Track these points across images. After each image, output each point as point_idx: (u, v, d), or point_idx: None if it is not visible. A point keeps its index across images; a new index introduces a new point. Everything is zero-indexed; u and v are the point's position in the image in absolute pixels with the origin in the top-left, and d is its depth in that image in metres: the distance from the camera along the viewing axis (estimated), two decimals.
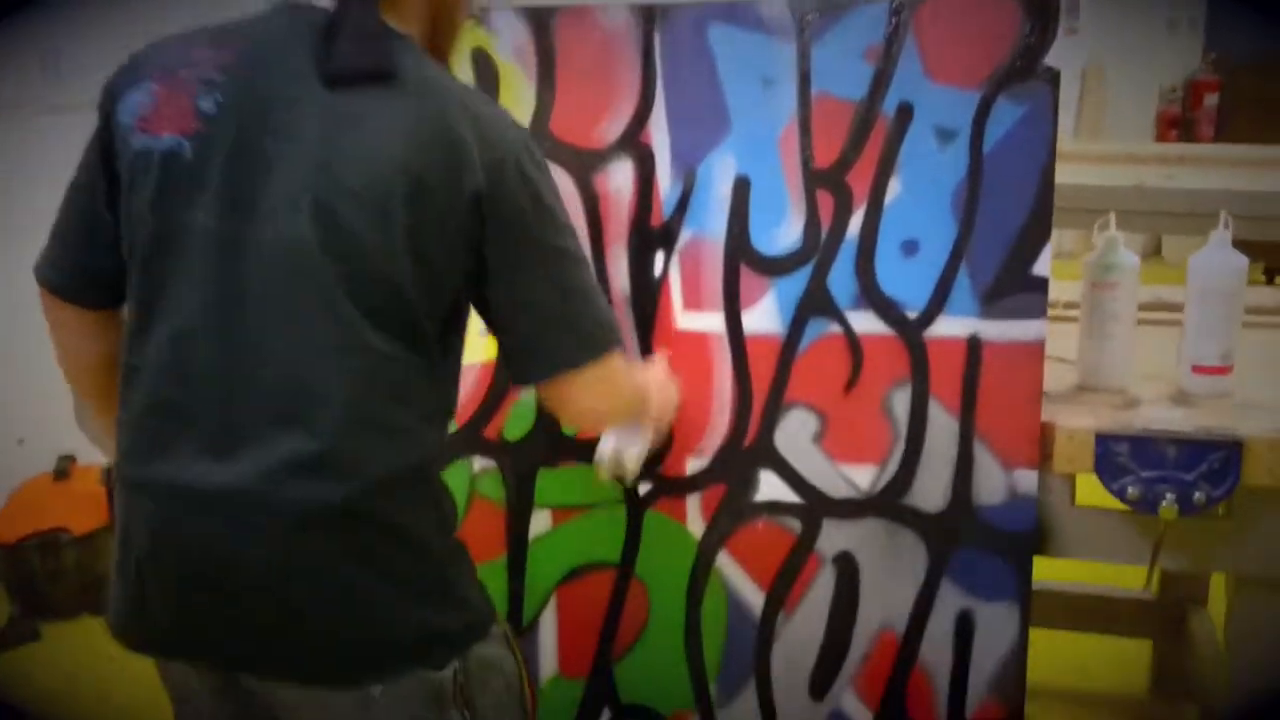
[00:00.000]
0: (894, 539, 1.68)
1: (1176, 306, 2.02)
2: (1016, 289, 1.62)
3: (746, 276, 1.70)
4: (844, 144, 1.66)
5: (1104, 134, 6.51)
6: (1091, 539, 1.64)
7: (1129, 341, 1.76)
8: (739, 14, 1.67)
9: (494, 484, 1.80)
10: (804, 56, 1.66)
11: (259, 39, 1.25)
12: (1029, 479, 1.62)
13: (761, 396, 1.71)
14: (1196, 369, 1.73)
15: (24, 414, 3.18)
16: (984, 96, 1.62)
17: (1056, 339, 1.71)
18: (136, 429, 1.26)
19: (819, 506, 1.70)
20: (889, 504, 1.67)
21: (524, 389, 1.72)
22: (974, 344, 1.64)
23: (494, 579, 1.81)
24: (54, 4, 3.18)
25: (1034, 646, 1.66)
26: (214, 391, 1.21)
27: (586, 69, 1.72)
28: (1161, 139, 6.02)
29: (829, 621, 1.71)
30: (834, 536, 1.70)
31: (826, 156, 1.66)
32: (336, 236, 1.19)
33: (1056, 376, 1.73)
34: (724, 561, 1.74)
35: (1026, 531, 1.63)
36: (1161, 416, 1.62)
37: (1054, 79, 1.61)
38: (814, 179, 1.67)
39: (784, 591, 1.72)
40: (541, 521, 1.80)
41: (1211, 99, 6.03)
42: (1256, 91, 5.59)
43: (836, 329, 1.68)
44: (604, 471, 1.65)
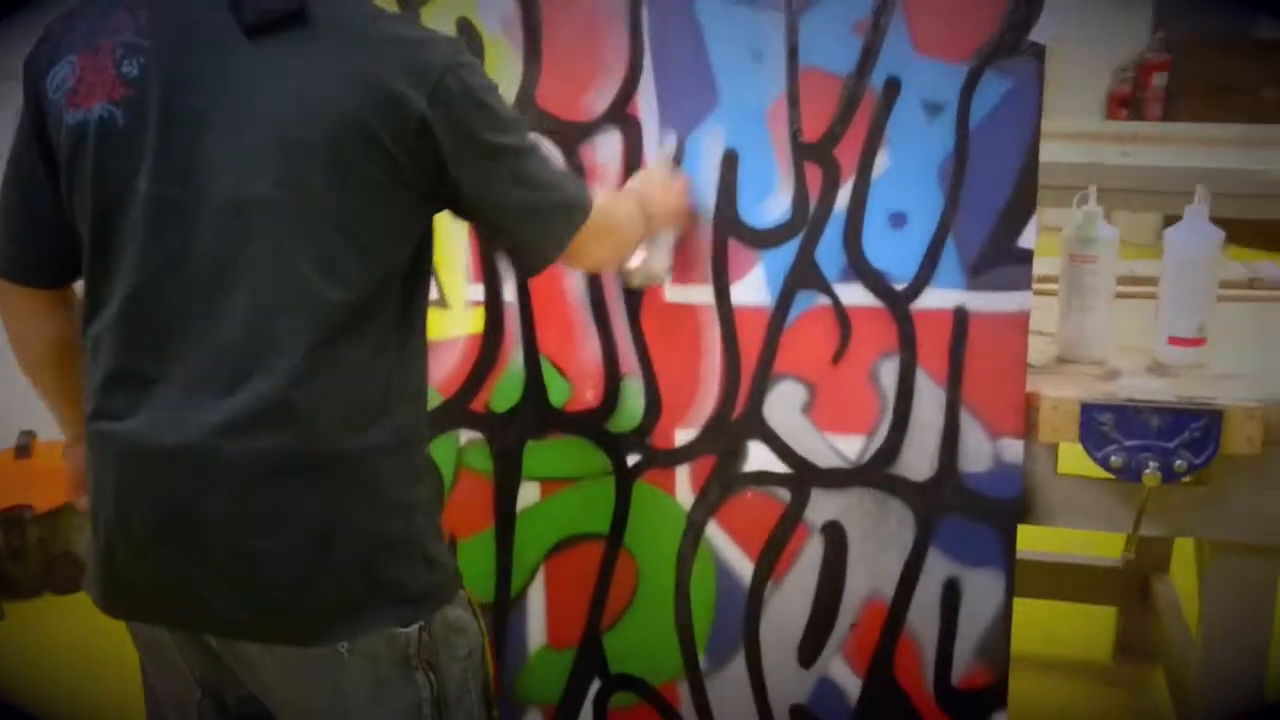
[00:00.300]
0: (882, 508, 1.70)
1: (1146, 280, 2.06)
2: (1002, 261, 1.64)
3: (735, 249, 1.71)
4: (832, 117, 1.67)
5: (1054, 112, 6.56)
6: (1074, 507, 1.68)
7: (1108, 314, 1.79)
8: None
9: (481, 456, 1.80)
10: (792, 30, 1.66)
11: None
12: (1014, 448, 1.65)
13: (750, 368, 1.72)
14: (1173, 340, 1.77)
15: None
16: (971, 70, 1.63)
17: (1034, 312, 1.74)
18: (101, 394, 1.26)
19: (807, 476, 1.72)
20: (877, 473, 1.70)
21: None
22: (960, 315, 1.66)
23: (482, 551, 1.81)
24: None
25: None
26: (171, 352, 1.22)
27: (573, 41, 1.71)
28: (1112, 118, 6.10)
29: (817, 590, 1.74)
30: (822, 506, 1.72)
31: (815, 130, 1.67)
32: (284, 190, 1.19)
33: (1036, 349, 1.76)
34: (713, 532, 1.76)
35: (1012, 499, 1.66)
36: (1143, 386, 1.66)
37: (1040, 54, 1.63)
38: (802, 152, 1.68)
39: (772, 561, 1.74)
40: (530, 493, 1.80)
41: (1160, 78, 6.12)
42: (1203, 72, 5.69)
43: (825, 301, 1.70)
44: (636, 282, 1.68)
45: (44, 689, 2.69)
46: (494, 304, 1.76)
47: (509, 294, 1.75)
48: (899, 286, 1.68)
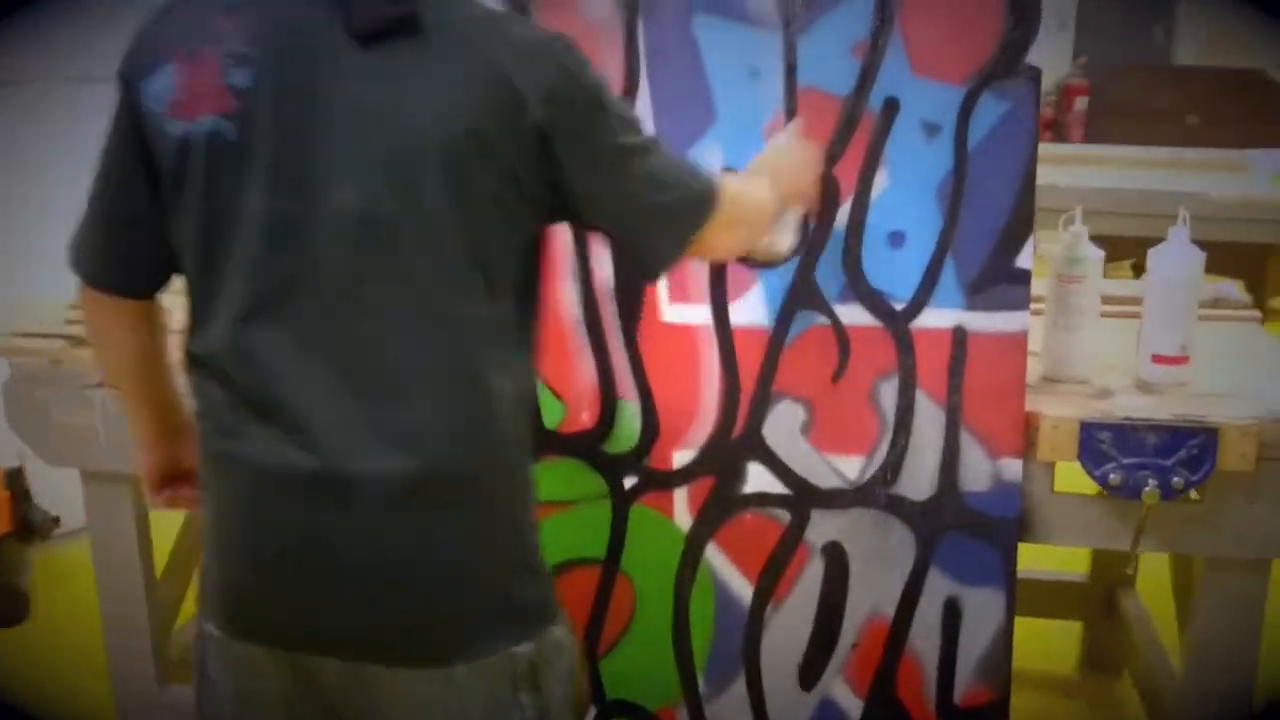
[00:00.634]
0: (882, 528, 1.70)
1: (1119, 299, 2.10)
2: (1001, 281, 1.66)
3: (733, 268, 1.70)
4: (831, 137, 1.67)
5: None
6: (1071, 525, 1.69)
7: (1092, 333, 1.82)
8: (724, 5, 1.67)
9: None
10: (790, 49, 1.66)
11: (270, 1, 1.19)
12: (1014, 467, 1.66)
13: (749, 388, 1.71)
14: (1156, 358, 1.79)
15: None
16: (969, 92, 1.65)
17: None
18: (220, 414, 1.21)
19: (807, 497, 1.71)
20: (877, 494, 1.69)
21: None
22: (959, 335, 1.67)
23: None
24: None
25: None
26: (292, 372, 1.17)
27: None
28: None
29: (818, 611, 1.73)
30: (822, 526, 1.71)
31: None
32: (402, 204, 1.15)
33: None
34: (712, 554, 1.74)
35: (1012, 518, 1.67)
36: (1137, 405, 1.68)
37: (1036, 77, 1.65)
38: None
39: (772, 583, 1.73)
40: None
41: (1081, 103, 6.28)
42: (1124, 97, 5.84)
43: (823, 321, 1.69)
44: (758, 260, 1.63)
45: None
46: None
47: None
48: (898, 306, 1.68)
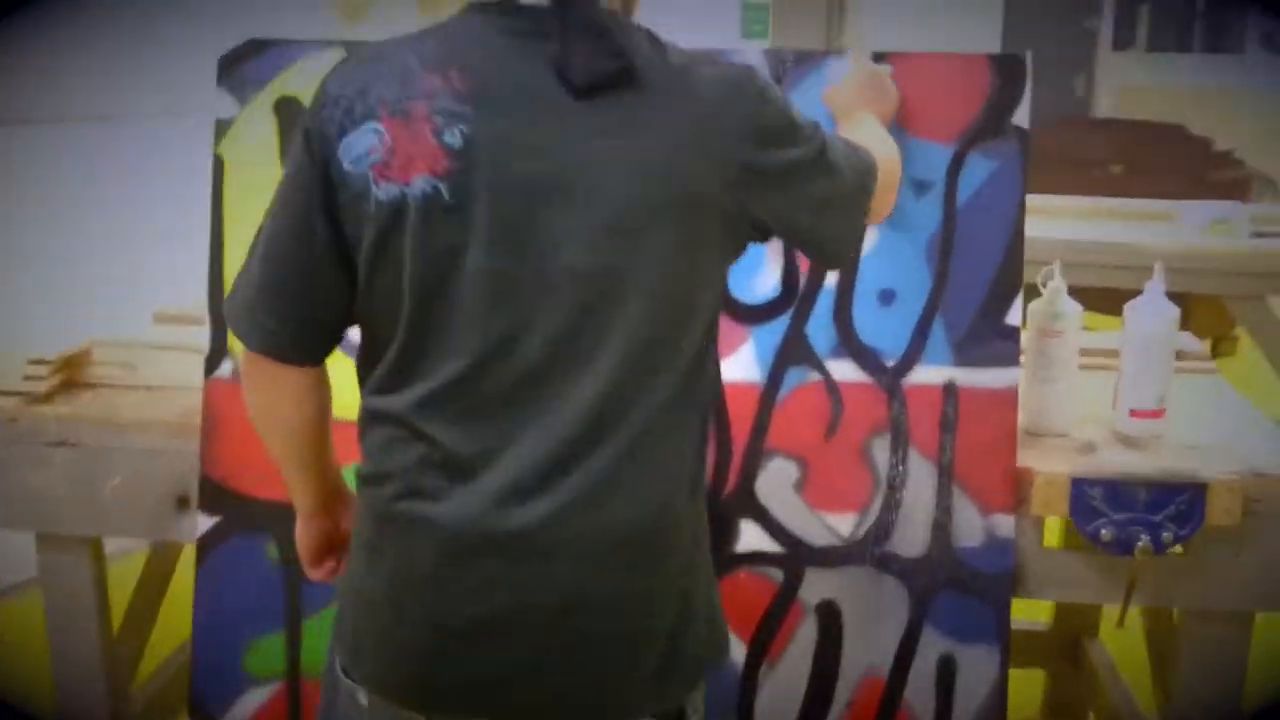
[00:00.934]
0: (876, 585, 1.70)
1: (1091, 351, 2.13)
2: (990, 338, 1.68)
3: (725, 325, 1.67)
4: None
5: None
6: (1061, 580, 1.71)
7: (1072, 386, 1.84)
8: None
9: None
10: None
11: (479, 54, 1.16)
12: (1006, 523, 1.67)
13: (741, 445, 1.70)
14: (1134, 413, 1.82)
15: None
16: (957, 151, 1.68)
17: None
18: (404, 478, 1.18)
19: (801, 555, 1.70)
20: (870, 551, 1.69)
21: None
22: (950, 391, 1.68)
23: None
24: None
25: None
26: (500, 432, 1.15)
27: None
28: None
29: (813, 670, 1.71)
30: (816, 585, 1.70)
31: None
32: (630, 260, 1.13)
33: None
34: None
35: (1005, 574, 1.68)
36: (1123, 459, 1.70)
37: (1024, 136, 1.68)
38: None
39: (766, 642, 1.71)
40: None
41: None
42: (1047, 147, 6.00)
43: (816, 377, 1.69)
44: None
45: None
46: None
47: None
48: (889, 362, 1.69)
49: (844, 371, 1.69)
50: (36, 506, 1.85)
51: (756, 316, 1.70)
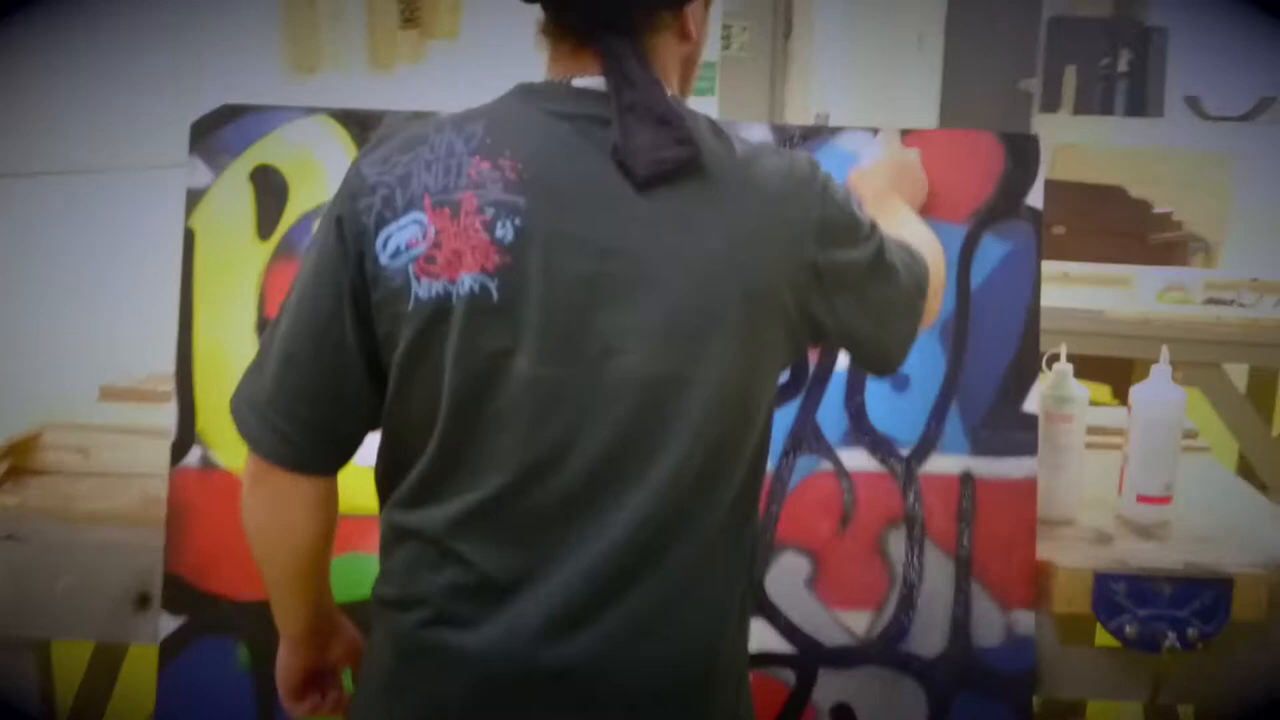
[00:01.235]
0: (893, 687, 1.61)
1: (1092, 429, 2.09)
2: (1007, 426, 1.62)
3: None
4: None
5: None
6: (1083, 678, 1.64)
7: (1080, 472, 1.79)
8: None
9: None
10: None
11: (531, 140, 1.06)
12: (1026, 619, 1.60)
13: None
14: (1142, 499, 1.78)
15: None
16: (969, 232, 1.62)
17: None
18: (431, 603, 1.08)
19: (813, 656, 1.61)
20: (886, 651, 1.61)
21: None
22: (967, 481, 1.61)
23: None
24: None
25: None
26: (543, 555, 1.04)
27: None
28: None
29: None
30: (830, 687, 1.61)
31: None
32: (694, 363, 1.04)
33: None
34: None
35: (1025, 672, 1.60)
36: (1142, 551, 1.65)
37: (1036, 218, 1.63)
38: None
39: None
40: None
41: None
42: None
43: (827, 465, 1.62)
44: None
45: None
46: None
47: None
48: (903, 451, 1.62)
49: (856, 460, 1.62)
50: None
51: None
